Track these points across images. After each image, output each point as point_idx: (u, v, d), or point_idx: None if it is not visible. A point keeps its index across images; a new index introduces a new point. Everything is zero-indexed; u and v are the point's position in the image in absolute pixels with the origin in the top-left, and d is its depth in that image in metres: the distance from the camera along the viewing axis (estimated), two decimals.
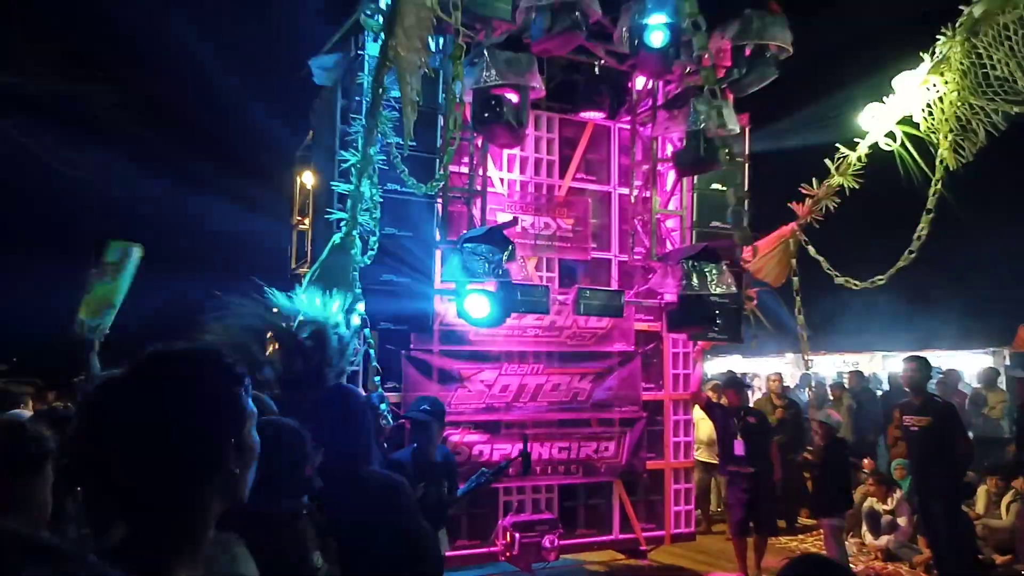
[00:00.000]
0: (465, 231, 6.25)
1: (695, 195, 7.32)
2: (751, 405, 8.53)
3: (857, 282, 6.12)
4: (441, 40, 5.96)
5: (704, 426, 8.36)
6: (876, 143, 5.72)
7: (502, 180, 7.02)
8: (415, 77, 4.80)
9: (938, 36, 5.25)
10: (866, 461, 8.87)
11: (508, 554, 6.33)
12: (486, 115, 5.87)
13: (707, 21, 5.99)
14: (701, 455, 8.86)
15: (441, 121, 6.10)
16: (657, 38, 5.98)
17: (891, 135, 5.64)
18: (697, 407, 7.78)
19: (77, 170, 10.82)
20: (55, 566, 0.83)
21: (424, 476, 4.36)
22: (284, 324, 4.43)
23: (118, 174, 12.31)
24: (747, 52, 6.46)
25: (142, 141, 12.09)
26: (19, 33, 10.01)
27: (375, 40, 5.43)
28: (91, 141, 11.30)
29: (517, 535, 6.29)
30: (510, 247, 5.95)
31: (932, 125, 5.40)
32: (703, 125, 6.14)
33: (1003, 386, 10.40)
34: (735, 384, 7.79)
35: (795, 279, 6.65)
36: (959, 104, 5.20)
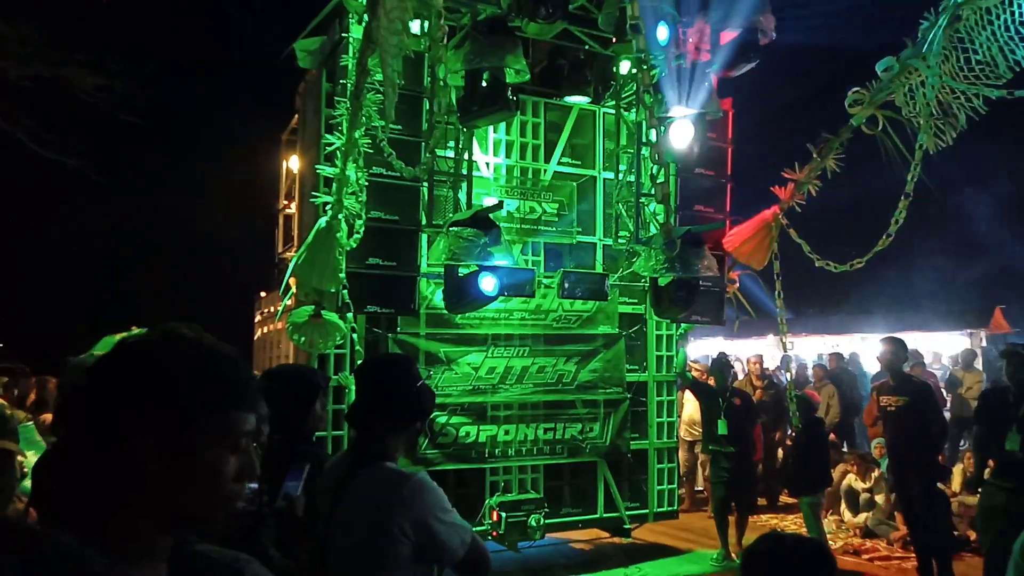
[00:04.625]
0: (451, 215, 6.25)
1: (679, 179, 7.36)
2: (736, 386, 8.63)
3: (837, 265, 6.20)
4: (425, 23, 5.92)
5: (691, 406, 8.46)
6: (858, 127, 5.77)
7: (487, 164, 7.02)
8: (397, 60, 4.78)
9: (921, 20, 5.28)
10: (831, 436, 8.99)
11: (495, 533, 6.41)
12: (470, 98, 5.86)
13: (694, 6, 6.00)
14: (687, 435, 8.98)
15: (427, 105, 6.09)
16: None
17: (873, 119, 5.69)
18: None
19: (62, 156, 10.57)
20: None
21: None
22: None
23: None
24: (730, 36, 6.48)
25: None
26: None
27: (359, 22, 5.41)
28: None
29: (503, 514, 6.38)
30: (495, 231, 5.97)
31: (913, 109, 5.45)
32: (683, 107, 6.16)
33: (980, 367, 10.60)
34: (721, 365, 7.86)
35: (776, 262, 6.72)
36: (940, 88, 5.24)
